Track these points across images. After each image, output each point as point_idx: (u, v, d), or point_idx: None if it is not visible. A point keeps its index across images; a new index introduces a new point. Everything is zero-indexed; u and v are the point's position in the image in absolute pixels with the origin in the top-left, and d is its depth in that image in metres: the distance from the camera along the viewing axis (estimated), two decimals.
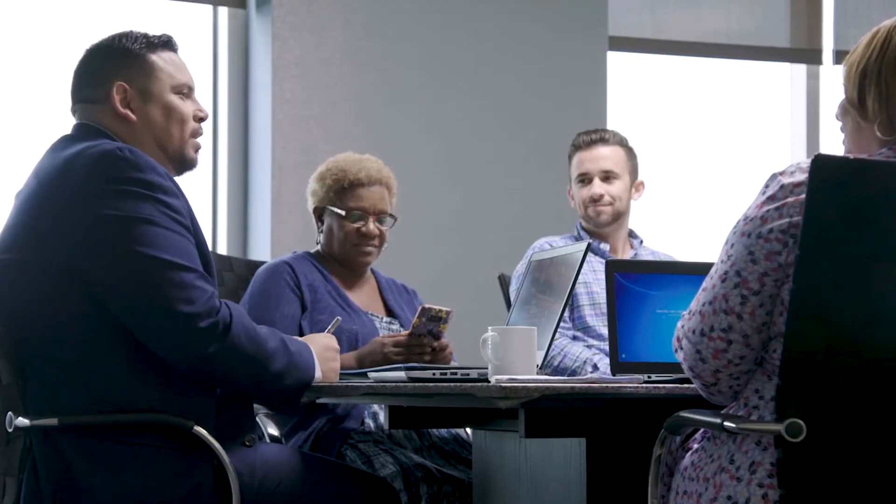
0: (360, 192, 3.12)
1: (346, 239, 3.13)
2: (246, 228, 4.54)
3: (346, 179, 3.13)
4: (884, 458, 1.78)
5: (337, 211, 3.13)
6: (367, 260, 3.16)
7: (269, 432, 2.98)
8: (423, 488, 2.76)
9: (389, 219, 3.18)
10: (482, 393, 2.17)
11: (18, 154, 4.20)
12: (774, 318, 1.90)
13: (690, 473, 1.98)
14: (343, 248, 3.15)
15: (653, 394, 2.17)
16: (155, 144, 2.35)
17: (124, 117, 2.34)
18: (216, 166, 4.57)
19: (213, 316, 2.19)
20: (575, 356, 3.32)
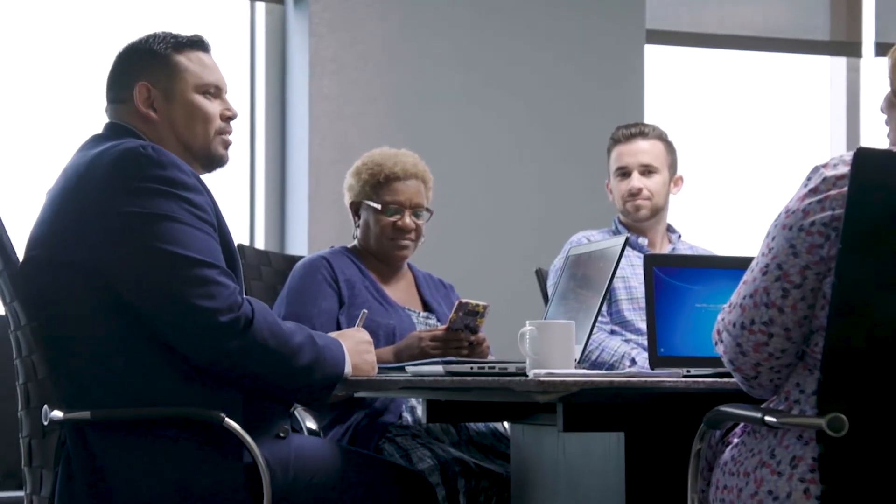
0: (395, 186, 3.12)
1: (383, 233, 3.13)
2: (283, 223, 4.55)
3: (382, 174, 3.14)
4: None
5: (373, 205, 3.13)
6: (403, 254, 3.16)
7: (308, 426, 2.98)
8: (460, 482, 2.76)
9: (426, 213, 3.18)
10: (520, 387, 2.16)
11: (59, 154, 4.24)
12: (816, 311, 1.88)
13: (730, 468, 1.96)
14: (379, 242, 3.15)
15: (692, 388, 2.15)
16: (178, 143, 2.37)
17: (146, 117, 2.36)
18: (254, 162, 4.58)
19: (234, 311, 2.20)
20: (613, 350, 3.30)
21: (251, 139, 4.57)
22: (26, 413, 2.28)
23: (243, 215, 4.55)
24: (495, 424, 3.05)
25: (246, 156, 4.57)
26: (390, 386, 2.43)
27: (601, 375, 2.26)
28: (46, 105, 4.31)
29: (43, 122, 4.30)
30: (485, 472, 2.81)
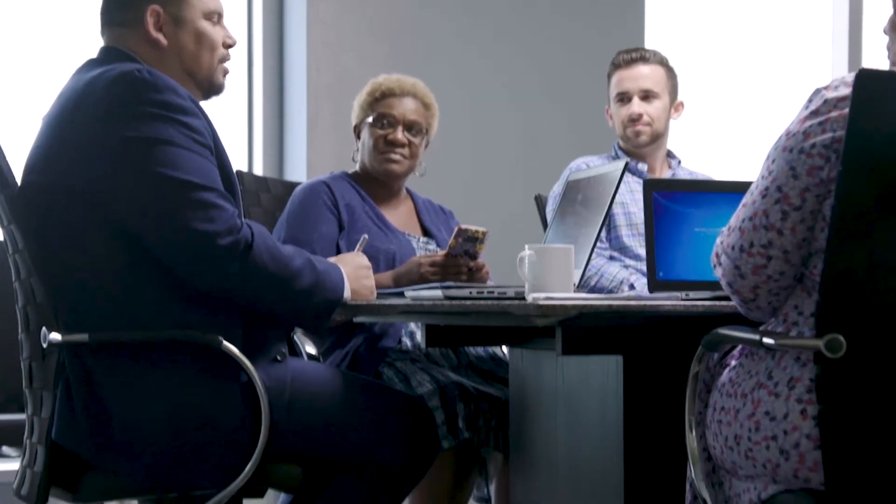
0: (390, 101, 3.14)
1: (375, 146, 3.14)
2: (282, 149, 4.54)
3: (379, 90, 3.16)
4: None
5: (368, 120, 3.14)
6: (394, 168, 3.15)
7: (307, 351, 2.99)
8: (459, 406, 2.77)
9: (421, 135, 3.16)
10: (519, 311, 2.17)
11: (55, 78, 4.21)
12: (815, 234, 1.88)
13: (728, 389, 1.97)
14: (371, 157, 3.15)
15: (690, 311, 2.16)
16: (183, 69, 2.35)
17: (156, 41, 2.33)
18: (251, 87, 4.56)
19: (233, 234, 2.20)
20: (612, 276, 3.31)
21: (249, 65, 4.54)
22: (26, 336, 2.28)
23: (242, 141, 4.54)
24: (494, 349, 3.07)
25: (244, 82, 4.54)
26: (389, 311, 2.43)
27: (600, 299, 2.26)
28: (42, 30, 4.28)
29: (39, 46, 4.27)
30: (484, 396, 2.83)
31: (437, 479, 2.83)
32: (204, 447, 2.21)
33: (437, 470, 2.79)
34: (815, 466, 1.83)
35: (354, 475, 2.31)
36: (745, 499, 1.97)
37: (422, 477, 2.40)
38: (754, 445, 1.90)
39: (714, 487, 2.03)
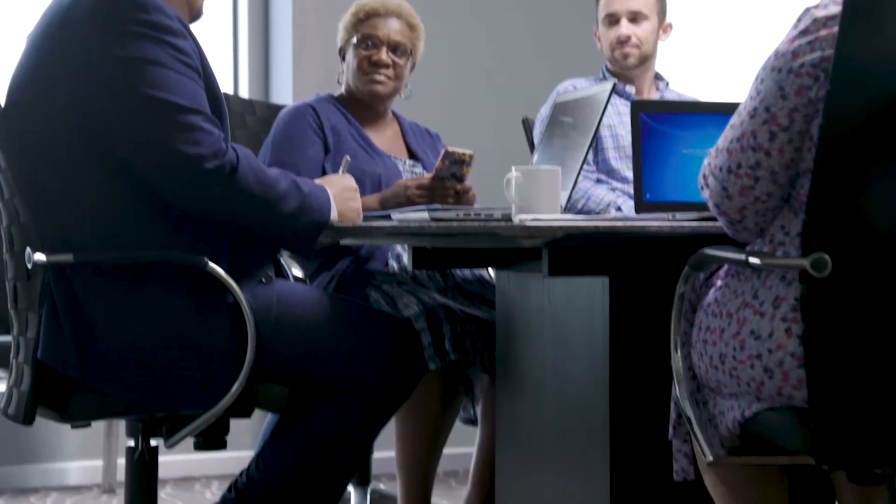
0: (374, 22, 3.11)
1: (359, 67, 3.12)
2: (267, 72, 4.50)
3: (363, 11, 3.14)
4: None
5: (352, 41, 3.11)
6: (378, 89, 3.13)
7: (294, 274, 2.99)
8: (446, 328, 2.78)
9: (406, 56, 3.14)
10: (506, 232, 2.16)
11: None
12: (803, 154, 1.88)
13: (714, 309, 1.98)
14: (356, 78, 3.13)
15: (677, 232, 2.16)
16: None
17: None
18: (237, 9, 4.51)
19: (218, 158, 2.19)
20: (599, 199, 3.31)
21: None
22: (10, 256, 2.28)
23: (227, 63, 4.50)
24: (481, 271, 3.07)
25: (229, 3, 4.49)
26: (376, 233, 2.43)
27: (586, 220, 2.26)
28: None
29: None
30: (470, 317, 2.84)
31: (424, 400, 2.84)
32: (190, 367, 2.21)
33: (424, 391, 2.81)
34: (798, 384, 1.85)
35: (340, 395, 2.32)
36: (728, 417, 1.99)
37: (407, 397, 2.41)
38: (739, 364, 1.91)
39: (698, 406, 2.05)
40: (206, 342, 2.21)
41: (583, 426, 2.43)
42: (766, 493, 2.12)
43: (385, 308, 2.83)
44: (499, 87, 4.57)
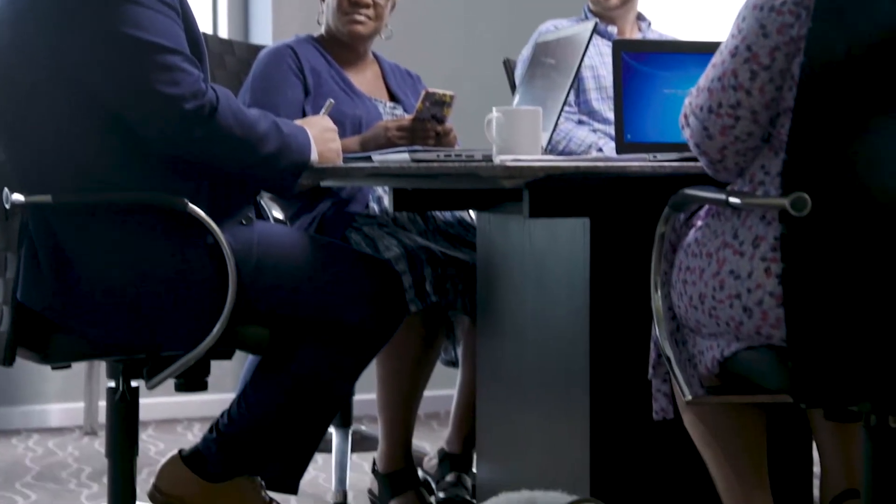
0: None
1: (339, 7, 3.09)
2: (247, 12, 4.46)
3: None
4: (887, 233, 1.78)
5: None
6: (357, 29, 3.10)
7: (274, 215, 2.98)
8: (427, 270, 2.78)
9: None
10: (486, 172, 2.16)
11: None
12: (784, 93, 1.87)
13: (694, 249, 1.98)
14: (335, 18, 3.11)
15: (658, 172, 2.16)
16: None
17: None
18: None
19: (198, 98, 2.17)
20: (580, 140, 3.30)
21: None
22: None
23: (206, 3, 4.46)
24: (462, 214, 3.07)
25: None
26: (356, 174, 2.42)
27: (567, 161, 2.25)
28: None
29: None
30: (451, 260, 2.83)
31: (405, 342, 2.85)
32: (171, 308, 2.21)
33: (405, 333, 2.81)
34: (777, 323, 1.85)
35: (321, 336, 2.33)
36: (708, 356, 2.00)
37: (388, 339, 2.41)
38: (718, 304, 1.91)
39: (678, 346, 2.06)
40: (186, 283, 2.21)
41: (563, 366, 2.44)
42: (745, 431, 2.14)
43: (366, 250, 2.82)
44: (480, 27, 4.54)
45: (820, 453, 2.27)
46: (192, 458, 2.38)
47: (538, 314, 2.53)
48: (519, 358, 2.61)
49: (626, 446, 2.36)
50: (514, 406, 2.63)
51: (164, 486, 2.37)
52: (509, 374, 2.65)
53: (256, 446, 2.35)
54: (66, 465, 3.55)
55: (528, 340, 2.58)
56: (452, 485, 2.98)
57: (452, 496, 2.94)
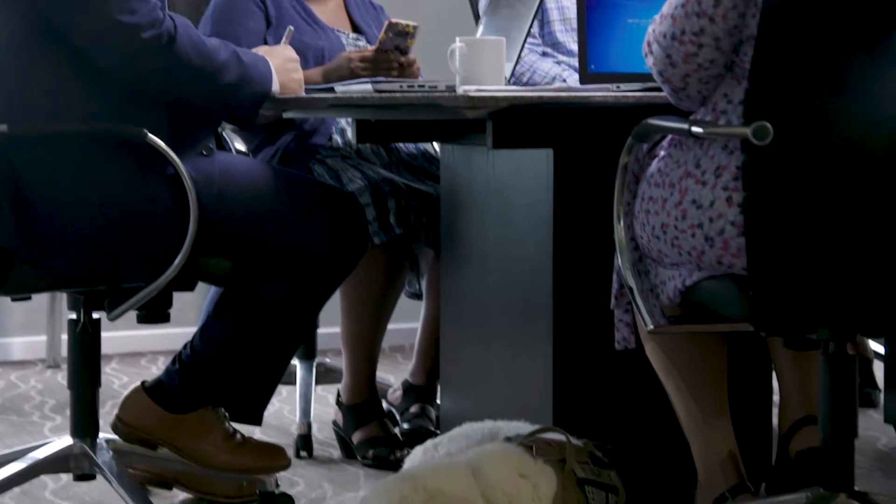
0: None
1: None
2: None
3: None
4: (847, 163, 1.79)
5: None
6: None
7: (237, 147, 2.96)
8: (390, 202, 2.77)
9: None
10: (449, 102, 2.15)
11: None
12: (747, 20, 1.87)
13: (657, 179, 1.98)
14: None
15: (621, 102, 2.15)
16: None
17: None
18: None
19: (156, 27, 2.14)
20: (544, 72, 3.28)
21: None
22: None
23: None
24: (426, 146, 3.05)
25: None
26: (318, 104, 2.40)
27: (530, 91, 2.25)
28: None
29: None
30: (415, 192, 2.83)
31: (369, 275, 2.85)
32: (132, 239, 2.19)
33: (369, 266, 2.81)
34: (738, 253, 1.86)
35: (284, 267, 2.32)
36: (670, 286, 2.01)
37: (351, 270, 2.40)
38: (680, 233, 1.92)
39: (640, 276, 2.06)
40: (146, 214, 2.19)
41: (526, 298, 2.45)
42: (705, 360, 2.15)
43: (329, 183, 2.81)
44: None
45: (779, 381, 2.30)
46: (155, 389, 2.38)
47: (502, 246, 2.54)
48: (482, 289, 2.61)
49: (588, 376, 2.37)
50: (477, 337, 2.64)
51: (127, 417, 2.37)
52: (473, 305, 2.65)
53: (219, 377, 2.35)
54: (28, 398, 3.54)
55: (491, 272, 2.58)
56: (416, 416, 3.00)
57: (416, 427, 2.95)
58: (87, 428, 2.30)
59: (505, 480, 1.98)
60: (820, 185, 1.79)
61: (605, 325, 2.26)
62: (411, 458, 2.34)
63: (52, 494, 2.55)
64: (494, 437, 2.21)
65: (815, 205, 1.79)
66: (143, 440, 2.37)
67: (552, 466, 2.03)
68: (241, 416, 2.39)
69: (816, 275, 1.80)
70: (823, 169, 1.78)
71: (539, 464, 2.03)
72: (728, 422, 2.17)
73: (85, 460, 2.29)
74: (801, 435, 2.20)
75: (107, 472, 2.24)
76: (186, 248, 2.18)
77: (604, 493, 2.07)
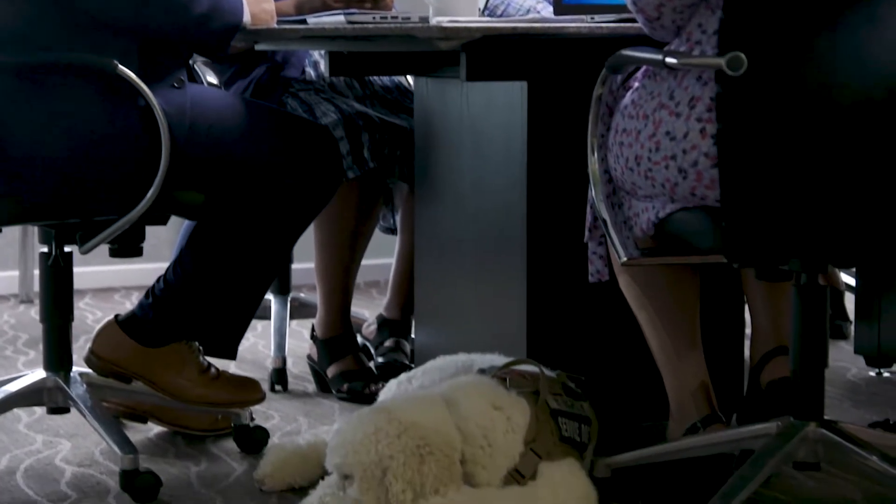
0: None
1: None
2: None
3: None
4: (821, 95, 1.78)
5: None
6: None
7: (209, 80, 2.94)
8: (364, 136, 2.76)
9: None
10: (423, 34, 2.13)
11: None
12: None
13: (630, 111, 1.98)
14: None
15: (595, 33, 2.14)
16: None
17: None
18: None
19: None
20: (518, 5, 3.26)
21: None
22: None
23: None
24: (400, 79, 3.03)
25: None
26: (290, 35, 2.38)
27: (504, 22, 2.23)
28: None
29: None
30: (389, 125, 2.81)
31: (343, 209, 2.84)
32: (103, 171, 2.18)
33: (343, 200, 2.80)
34: (711, 184, 1.86)
35: (257, 200, 2.31)
36: (643, 218, 2.01)
37: (325, 204, 2.39)
38: (654, 165, 1.92)
39: (614, 209, 2.06)
40: (118, 146, 2.18)
41: (501, 231, 2.45)
42: (678, 292, 2.16)
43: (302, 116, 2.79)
44: None
45: (751, 314, 2.31)
46: (128, 322, 2.38)
47: (476, 179, 2.53)
48: (456, 223, 2.61)
49: (561, 309, 2.38)
50: (452, 271, 2.64)
51: (100, 350, 2.36)
52: (447, 239, 2.65)
53: (193, 310, 2.34)
54: (1, 333, 3.53)
55: (465, 206, 2.58)
56: (391, 350, 3.00)
57: (391, 361, 2.96)
58: (61, 361, 2.30)
59: (478, 412, 1.99)
60: (793, 117, 1.79)
61: (579, 258, 2.27)
62: (385, 391, 2.35)
63: (25, 427, 2.55)
64: (468, 369, 2.22)
65: (789, 136, 1.79)
66: (116, 374, 2.37)
67: (526, 398, 2.05)
68: (216, 350, 2.40)
69: (788, 206, 1.81)
70: (797, 100, 1.78)
71: (512, 395, 2.04)
72: (700, 354, 2.18)
73: (58, 393, 2.29)
74: (772, 365, 2.22)
75: (80, 405, 2.24)
76: (158, 181, 2.17)
77: (577, 423, 2.09)
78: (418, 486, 1.89)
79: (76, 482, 2.24)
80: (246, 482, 2.23)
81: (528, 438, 2.00)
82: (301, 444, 2.22)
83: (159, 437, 2.50)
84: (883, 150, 1.79)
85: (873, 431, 2.04)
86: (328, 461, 1.96)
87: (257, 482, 2.19)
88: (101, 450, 2.39)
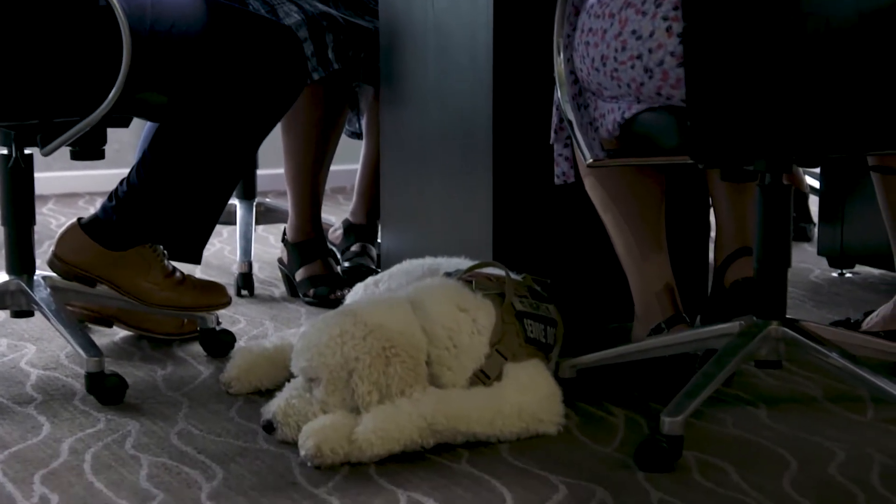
0: None
1: None
2: None
3: None
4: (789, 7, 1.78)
5: None
6: None
7: None
8: (328, 37, 2.73)
9: None
10: None
11: None
12: None
13: (596, 10, 1.96)
14: None
15: None
16: None
17: None
18: None
19: None
20: None
21: None
22: None
23: None
24: None
25: None
26: None
27: None
28: None
29: None
30: (353, 26, 2.78)
31: (309, 113, 2.82)
32: (63, 72, 2.14)
33: (308, 104, 2.78)
34: (677, 83, 1.86)
35: (221, 102, 2.28)
36: (609, 119, 2.00)
37: (290, 105, 2.37)
38: (620, 65, 1.91)
39: (580, 110, 2.06)
40: (78, 47, 2.14)
41: (466, 133, 2.44)
42: (643, 194, 2.17)
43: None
44: None
45: (715, 215, 2.32)
46: (91, 225, 2.36)
47: (441, 81, 2.51)
48: (422, 126, 2.60)
49: (527, 211, 2.38)
50: (417, 175, 2.63)
51: (63, 253, 2.35)
52: (412, 141, 2.64)
53: (156, 212, 2.33)
54: None
55: (431, 108, 2.56)
56: (357, 254, 3.00)
57: (357, 265, 2.96)
58: (23, 264, 2.28)
59: (444, 314, 1.99)
60: (758, 15, 1.77)
61: (545, 160, 2.26)
62: (352, 294, 2.35)
63: None
64: (434, 272, 2.23)
65: (754, 35, 1.78)
66: (80, 277, 2.36)
67: (491, 300, 2.05)
68: (180, 254, 2.38)
69: (753, 105, 1.80)
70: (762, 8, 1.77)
71: (478, 297, 2.05)
72: (665, 255, 2.19)
73: (21, 296, 2.27)
74: (735, 266, 2.23)
75: (44, 308, 2.23)
76: (120, 81, 2.13)
77: (542, 325, 2.10)
78: (384, 388, 1.90)
79: (42, 385, 2.24)
80: (212, 385, 2.23)
81: (494, 340, 2.01)
82: (267, 347, 2.22)
83: (125, 340, 2.50)
84: (849, 46, 1.78)
85: (834, 329, 2.06)
86: (294, 364, 1.96)
87: (224, 385, 2.20)
88: (67, 353, 2.39)
